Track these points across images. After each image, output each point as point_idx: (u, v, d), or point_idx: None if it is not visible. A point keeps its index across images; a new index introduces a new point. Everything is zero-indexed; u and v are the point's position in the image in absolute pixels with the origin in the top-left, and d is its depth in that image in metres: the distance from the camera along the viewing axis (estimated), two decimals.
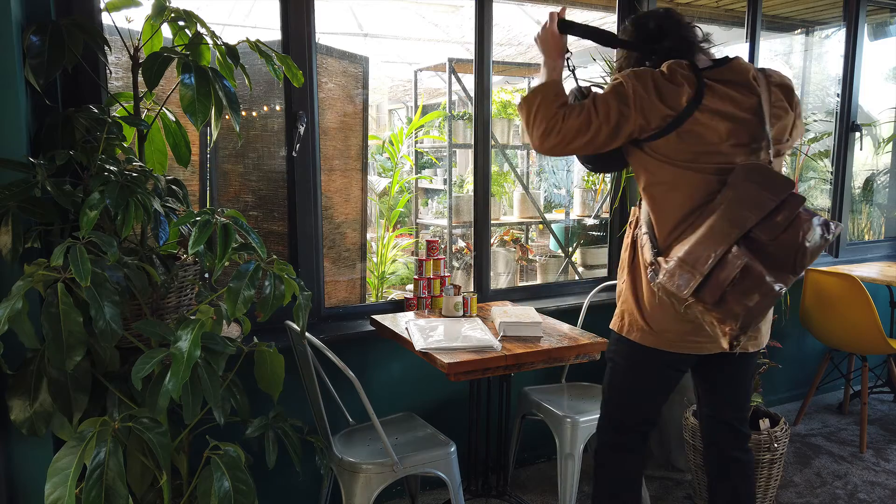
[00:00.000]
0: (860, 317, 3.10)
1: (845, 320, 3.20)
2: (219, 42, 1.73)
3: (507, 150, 4.43)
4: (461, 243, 4.68)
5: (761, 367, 2.70)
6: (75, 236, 1.45)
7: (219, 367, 1.57)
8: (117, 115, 1.79)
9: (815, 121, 4.10)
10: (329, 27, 5.07)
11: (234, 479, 1.51)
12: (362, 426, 2.40)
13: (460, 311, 2.61)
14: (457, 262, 4.49)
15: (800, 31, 4.43)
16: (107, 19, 1.91)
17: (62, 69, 1.69)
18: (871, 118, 4.55)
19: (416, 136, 5.11)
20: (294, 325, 2.14)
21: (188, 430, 1.68)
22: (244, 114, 2.53)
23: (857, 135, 3.96)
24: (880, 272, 3.52)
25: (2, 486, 1.71)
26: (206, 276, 1.93)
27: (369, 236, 4.32)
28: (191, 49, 1.70)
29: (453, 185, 4.30)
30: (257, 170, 2.56)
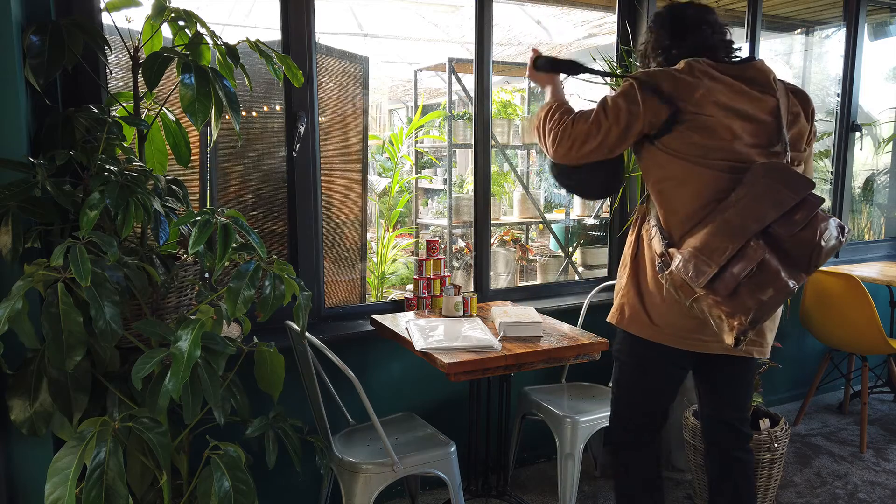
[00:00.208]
0: (860, 317, 3.10)
1: (845, 320, 3.20)
2: (219, 42, 1.73)
3: (507, 150, 4.43)
4: (461, 243, 4.68)
5: (761, 367, 2.70)
6: (75, 236, 1.45)
7: (219, 367, 1.57)
8: (117, 115, 1.79)
9: (816, 121, 4.10)
10: (329, 27, 5.07)
11: (234, 479, 1.51)
12: (362, 426, 2.40)
13: (460, 311, 2.61)
14: (457, 262, 4.50)
15: (800, 31, 4.43)
16: (107, 19, 1.91)
17: (62, 69, 1.69)
18: (871, 118, 4.55)
19: (416, 136, 5.11)
20: (294, 325, 2.14)
21: (188, 430, 1.68)
22: (244, 114, 2.53)
23: (857, 135, 3.96)
24: (880, 272, 3.52)
25: (2, 486, 1.71)
26: (206, 276, 1.93)
27: (369, 236, 4.32)
28: (191, 49, 1.70)
29: (453, 185, 4.30)
30: (257, 170, 2.56)
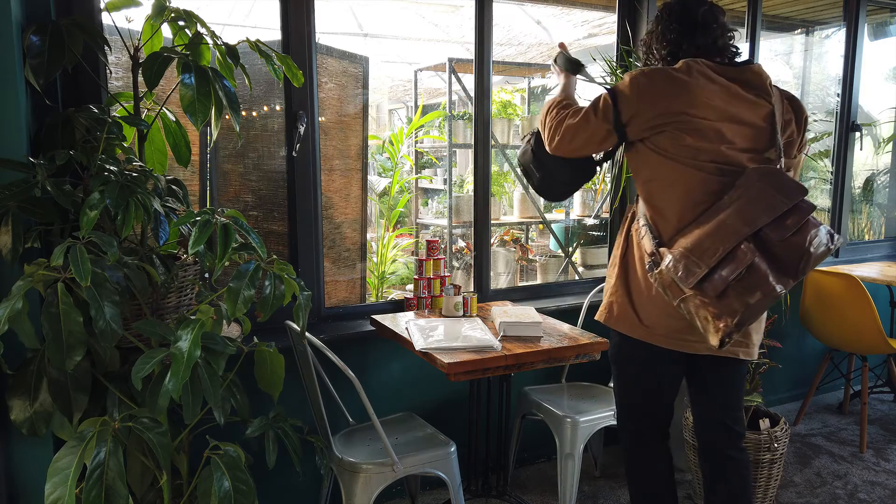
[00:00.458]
0: (860, 317, 3.10)
1: (845, 320, 3.20)
2: (219, 42, 1.73)
3: (507, 150, 4.43)
4: (461, 243, 4.68)
5: (761, 367, 2.70)
6: (75, 236, 1.45)
7: (219, 367, 1.57)
8: (117, 115, 1.79)
9: (815, 121, 4.10)
10: (329, 27, 5.07)
11: (234, 479, 1.51)
12: (362, 426, 2.40)
13: (460, 311, 2.61)
14: (457, 262, 4.50)
15: (800, 31, 4.43)
16: (107, 19, 1.91)
17: (62, 69, 1.69)
18: (871, 118, 4.55)
19: (416, 136, 5.11)
20: (294, 325, 2.14)
21: (188, 430, 1.68)
22: (244, 114, 2.53)
23: (857, 135, 3.96)
24: (880, 272, 3.52)
25: (2, 486, 1.71)
26: (206, 276, 1.93)
27: (369, 236, 4.32)
28: (191, 49, 1.70)
29: (453, 185, 4.30)
30: (257, 170, 2.56)
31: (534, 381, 2.94)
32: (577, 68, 2.06)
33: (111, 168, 1.61)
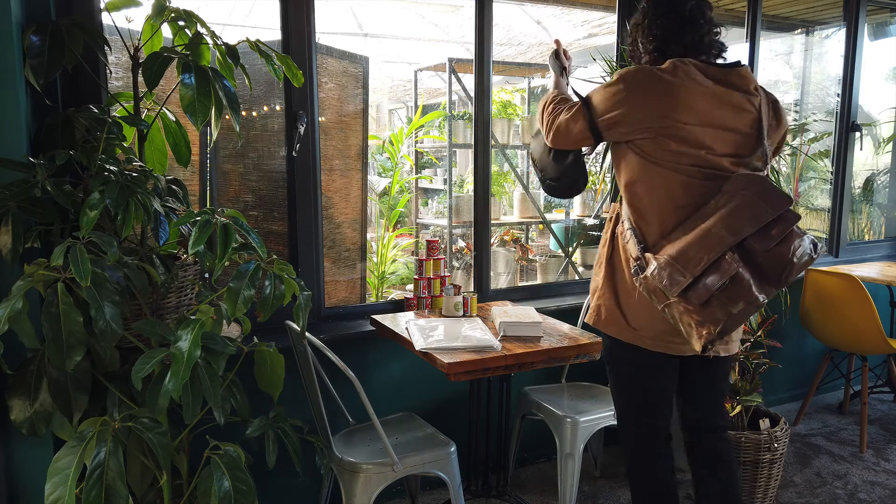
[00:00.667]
0: (860, 317, 3.10)
1: (845, 320, 3.20)
2: (219, 42, 1.73)
3: (507, 150, 4.43)
4: (461, 243, 4.68)
5: (761, 367, 2.70)
6: (75, 236, 1.45)
7: (219, 367, 1.57)
8: (117, 115, 1.79)
9: (815, 121, 4.10)
10: (329, 27, 5.07)
11: (234, 479, 1.51)
12: (362, 426, 2.40)
13: (460, 311, 2.61)
14: (457, 262, 4.50)
15: (800, 31, 4.43)
16: (107, 19, 1.91)
17: (62, 69, 1.69)
18: (871, 118, 4.55)
19: (416, 136, 5.11)
20: (294, 325, 2.14)
21: (188, 430, 1.68)
22: (244, 114, 2.53)
23: (857, 135, 3.96)
24: (880, 272, 3.52)
25: (2, 486, 1.71)
26: (206, 276, 1.93)
27: (369, 236, 4.32)
28: (191, 49, 1.70)
29: (453, 185, 4.30)
30: (257, 170, 2.56)
31: (534, 381, 2.94)
32: (562, 70, 2.13)
33: (111, 168, 1.61)
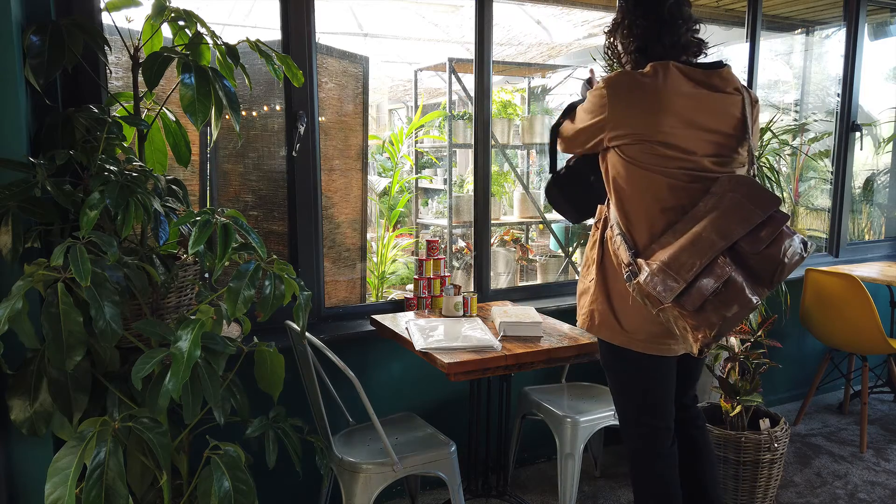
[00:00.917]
0: (860, 317, 3.10)
1: (845, 320, 3.20)
2: (219, 42, 1.73)
3: (507, 150, 4.43)
4: (461, 243, 4.68)
5: (762, 367, 2.70)
6: (75, 236, 1.45)
7: (219, 367, 1.57)
8: (117, 114, 1.79)
9: (816, 121, 4.10)
10: (329, 27, 5.07)
11: (234, 479, 1.51)
12: (362, 426, 2.40)
13: (460, 311, 2.61)
14: (457, 261, 4.50)
15: (800, 31, 4.43)
16: (107, 19, 1.91)
17: (62, 69, 1.69)
18: (871, 118, 4.55)
19: (416, 136, 5.12)
20: (294, 325, 2.14)
21: (188, 430, 1.68)
22: (244, 114, 2.53)
23: (858, 135, 3.96)
24: (880, 272, 3.52)
25: (2, 486, 1.71)
26: (206, 276, 1.93)
27: (369, 236, 4.32)
28: (191, 49, 1.70)
29: (453, 185, 4.30)
30: (257, 170, 2.56)
31: (534, 381, 2.94)
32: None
33: (111, 168, 1.61)
